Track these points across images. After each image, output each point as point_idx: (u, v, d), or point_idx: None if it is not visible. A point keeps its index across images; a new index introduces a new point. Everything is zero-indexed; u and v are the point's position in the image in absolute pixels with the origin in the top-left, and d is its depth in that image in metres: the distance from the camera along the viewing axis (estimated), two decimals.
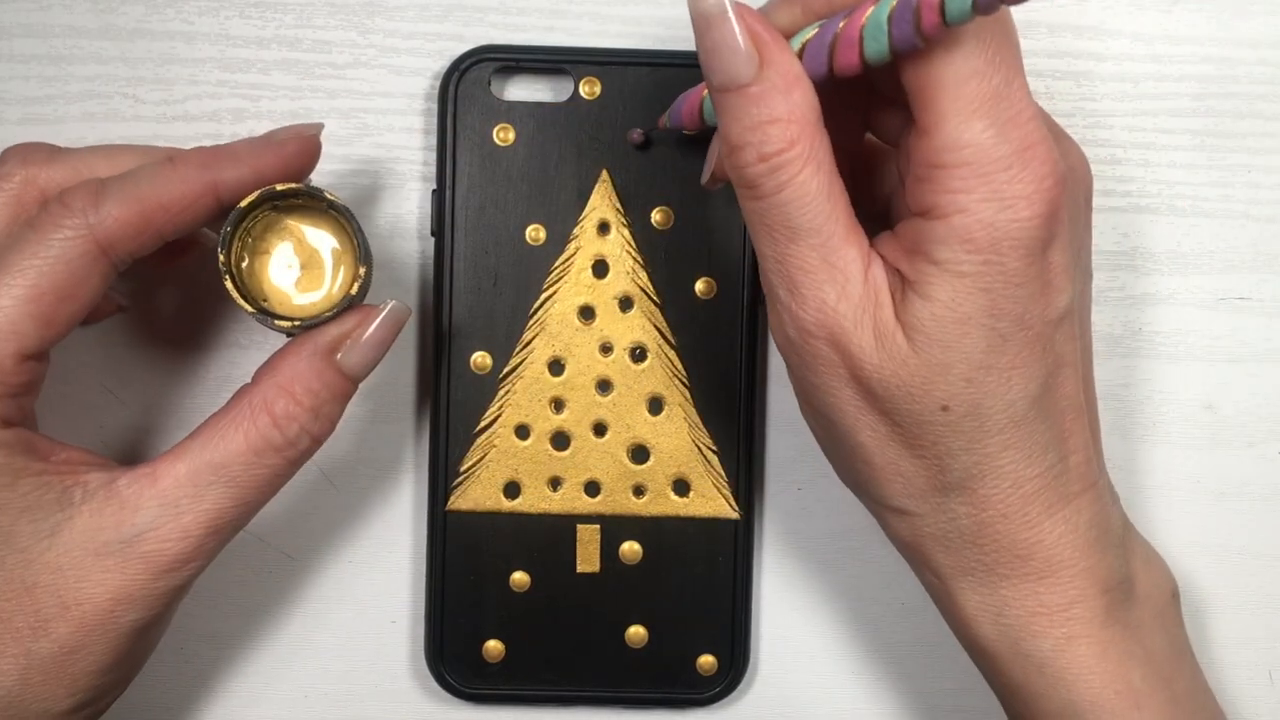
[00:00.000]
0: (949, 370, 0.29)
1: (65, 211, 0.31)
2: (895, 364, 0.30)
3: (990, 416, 0.30)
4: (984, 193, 0.28)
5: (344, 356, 0.33)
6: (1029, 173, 0.28)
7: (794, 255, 0.30)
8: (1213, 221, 0.39)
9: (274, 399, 0.32)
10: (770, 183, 0.29)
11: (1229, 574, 0.40)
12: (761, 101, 0.29)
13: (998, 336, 0.29)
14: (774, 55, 0.29)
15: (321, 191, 0.33)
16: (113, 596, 0.31)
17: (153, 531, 0.31)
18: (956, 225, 0.29)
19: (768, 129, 0.29)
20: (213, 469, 0.32)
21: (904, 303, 0.30)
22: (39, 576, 0.31)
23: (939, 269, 0.29)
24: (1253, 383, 0.39)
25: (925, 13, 0.27)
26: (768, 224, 0.30)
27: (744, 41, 0.29)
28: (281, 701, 0.39)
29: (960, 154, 0.28)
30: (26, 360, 0.31)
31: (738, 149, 0.29)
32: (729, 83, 0.29)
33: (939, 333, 0.29)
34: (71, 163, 0.33)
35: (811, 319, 0.30)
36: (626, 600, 0.38)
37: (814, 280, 0.30)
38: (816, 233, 0.29)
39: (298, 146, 0.33)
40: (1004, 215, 0.28)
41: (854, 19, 0.29)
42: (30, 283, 0.31)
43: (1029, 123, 0.29)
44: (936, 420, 0.30)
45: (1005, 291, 0.29)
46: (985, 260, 0.29)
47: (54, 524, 0.31)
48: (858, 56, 0.29)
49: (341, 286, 0.33)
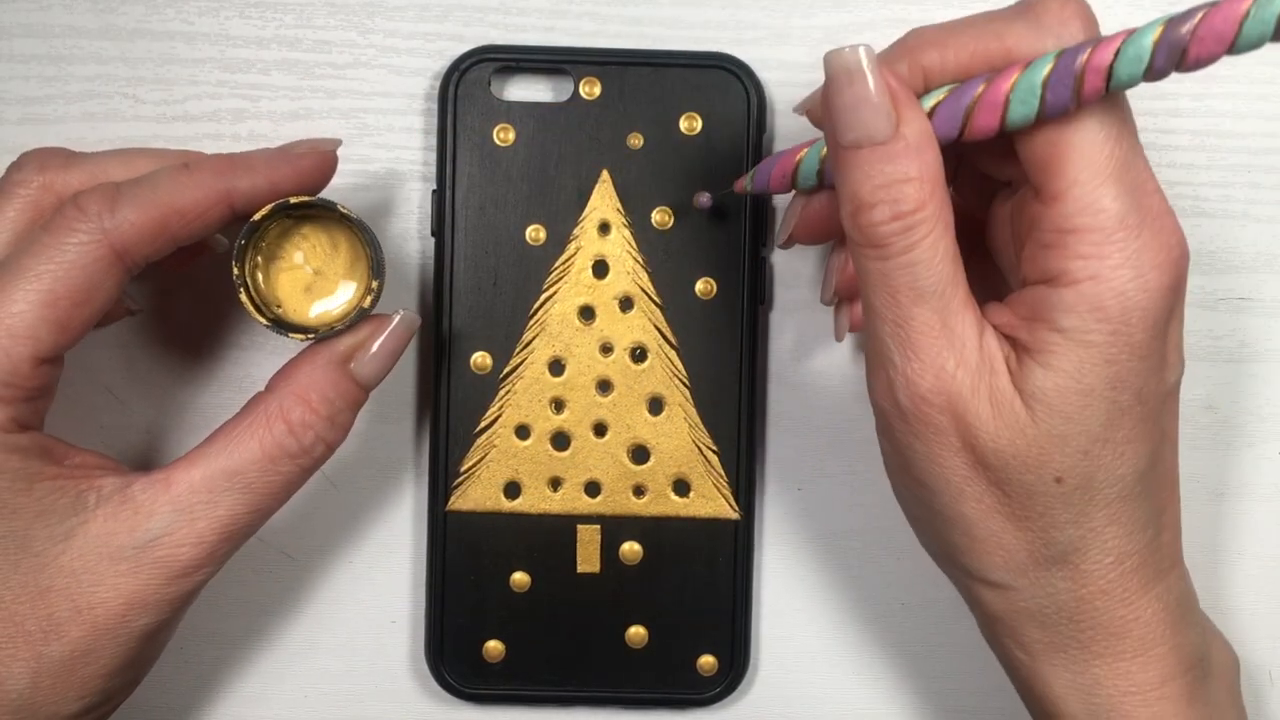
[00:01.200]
0: (1067, 442, 0.29)
1: (80, 215, 0.31)
2: (1012, 433, 0.29)
3: (1101, 490, 0.30)
4: (1118, 259, 0.28)
5: (357, 365, 0.33)
6: (1159, 241, 0.28)
7: (917, 318, 0.29)
8: (1213, 221, 0.39)
9: (290, 407, 0.32)
10: (902, 242, 0.29)
11: (1229, 574, 0.40)
12: (897, 160, 0.29)
13: (1118, 409, 0.29)
14: (909, 114, 0.29)
15: (335, 205, 0.33)
16: (125, 601, 0.31)
17: (167, 537, 0.31)
18: (1087, 292, 0.28)
19: (902, 187, 0.29)
20: (227, 475, 0.32)
21: (1021, 371, 0.29)
22: (53, 580, 0.31)
23: (1064, 337, 0.29)
24: (1253, 383, 0.39)
25: (1090, 77, 0.27)
26: (892, 285, 0.29)
27: (884, 97, 0.29)
28: (282, 701, 0.39)
29: (1095, 219, 0.28)
30: (42, 364, 0.31)
31: (868, 207, 0.29)
32: (864, 139, 0.29)
33: (1061, 403, 0.29)
34: (88, 168, 0.33)
35: (929, 385, 0.29)
36: (627, 600, 0.38)
37: (934, 345, 0.29)
38: (940, 296, 0.29)
39: (314, 161, 0.33)
40: (1135, 284, 0.28)
41: (998, 83, 0.29)
42: (45, 287, 0.31)
43: (1156, 193, 0.29)
44: (1048, 492, 0.30)
45: (1130, 364, 0.29)
46: (1114, 330, 0.28)
47: (68, 528, 0.31)
48: (999, 120, 0.29)
49: (355, 297, 0.33)
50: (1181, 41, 0.26)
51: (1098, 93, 0.27)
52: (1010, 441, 0.29)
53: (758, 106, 0.37)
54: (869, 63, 0.29)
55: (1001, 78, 0.28)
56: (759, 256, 0.38)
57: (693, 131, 0.37)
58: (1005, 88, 0.28)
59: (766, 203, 0.38)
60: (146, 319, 0.39)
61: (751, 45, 0.39)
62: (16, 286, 0.31)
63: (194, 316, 0.39)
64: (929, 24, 0.30)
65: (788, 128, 0.39)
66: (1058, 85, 0.28)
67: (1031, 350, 0.29)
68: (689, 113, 0.37)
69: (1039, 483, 0.30)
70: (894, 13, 0.39)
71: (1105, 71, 0.27)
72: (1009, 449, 0.29)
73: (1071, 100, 0.28)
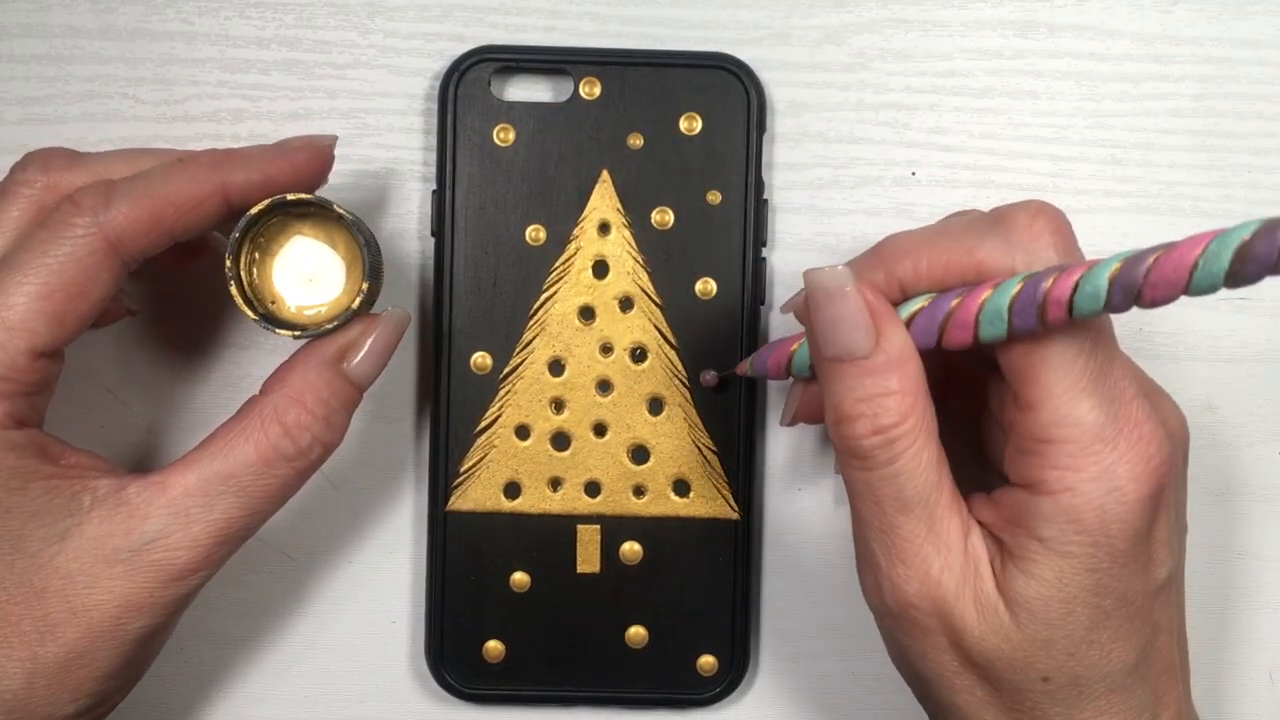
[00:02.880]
0: (1052, 645, 0.30)
1: (76, 210, 0.31)
2: (998, 637, 0.30)
3: (1090, 686, 0.30)
4: (1093, 472, 0.28)
5: (350, 365, 0.33)
6: (1136, 453, 0.29)
7: (902, 526, 0.30)
8: (1213, 222, 0.39)
9: (285, 409, 0.32)
10: (884, 455, 0.29)
11: (1229, 574, 0.40)
12: (877, 374, 0.29)
13: (1101, 613, 0.29)
14: (889, 329, 0.29)
15: (331, 203, 0.33)
16: (120, 603, 0.31)
17: (162, 540, 0.31)
18: (1064, 504, 0.29)
19: (883, 401, 0.29)
20: (223, 478, 0.32)
21: (1005, 575, 0.30)
22: (48, 581, 0.31)
23: (1044, 546, 0.29)
24: (1253, 383, 0.39)
25: (1052, 307, 0.27)
26: (876, 495, 0.30)
27: (864, 315, 0.29)
28: (282, 701, 0.39)
29: (1069, 431, 0.28)
30: (40, 358, 0.31)
31: (850, 419, 0.29)
32: (844, 354, 0.29)
33: (1043, 610, 0.29)
34: (92, 168, 0.33)
35: (915, 590, 0.30)
36: (627, 600, 0.38)
37: (920, 551, 0.30)
38: (924, 504, 0.30)
39: (309, 155, 0.33)
40: (1112, 497, 0.28)
41: (968, 302, 0.29)
42: (41, 280, 0.31)
43: (1133, 401, 0.29)
44: (1036, 689, 0.30)
45: (1112, 571, 0.29)
46: (1094, 542, 0.29)
47: (63, 529, 0.31)
48: (971, 338, 0.29)
49: (348, 296, 0.33)
50: (1135, 284, 0.26)
51: (1061, 321, 0.28)
52: (996, 645, 0.30)
53: (758, 106, 0.37)
54: (851, 283, 0.29)
55: (971, 297, 0.29)
56: (759, 257, 0.38)
57: (693, 131, 0.37)
58: (974, 308, 0.29)
59: (765, 205, 0.38)
60: (146, 318, 0.38)
61: (751, 45, 0.39)
62: (12, 281, 0.31)
63: (194, 316, 0.39)
64: (905, 231, 0.31)
65: (787, 128, 0.39)
66: (1023, 311, 0.28)
67: (1014, 555, 0.30)
68: (689, 113, 0.37)
69: (1026, 682, 0.30)
70: (894, 13, 0.39)
71: (1066, 304, 0.27)
72: (994, 651, 0.30)
73: (1037, 325, 0.28)
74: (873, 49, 0.39)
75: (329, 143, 0.34)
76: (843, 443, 0.30)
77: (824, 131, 0.39)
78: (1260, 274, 0.24)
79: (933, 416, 0.30)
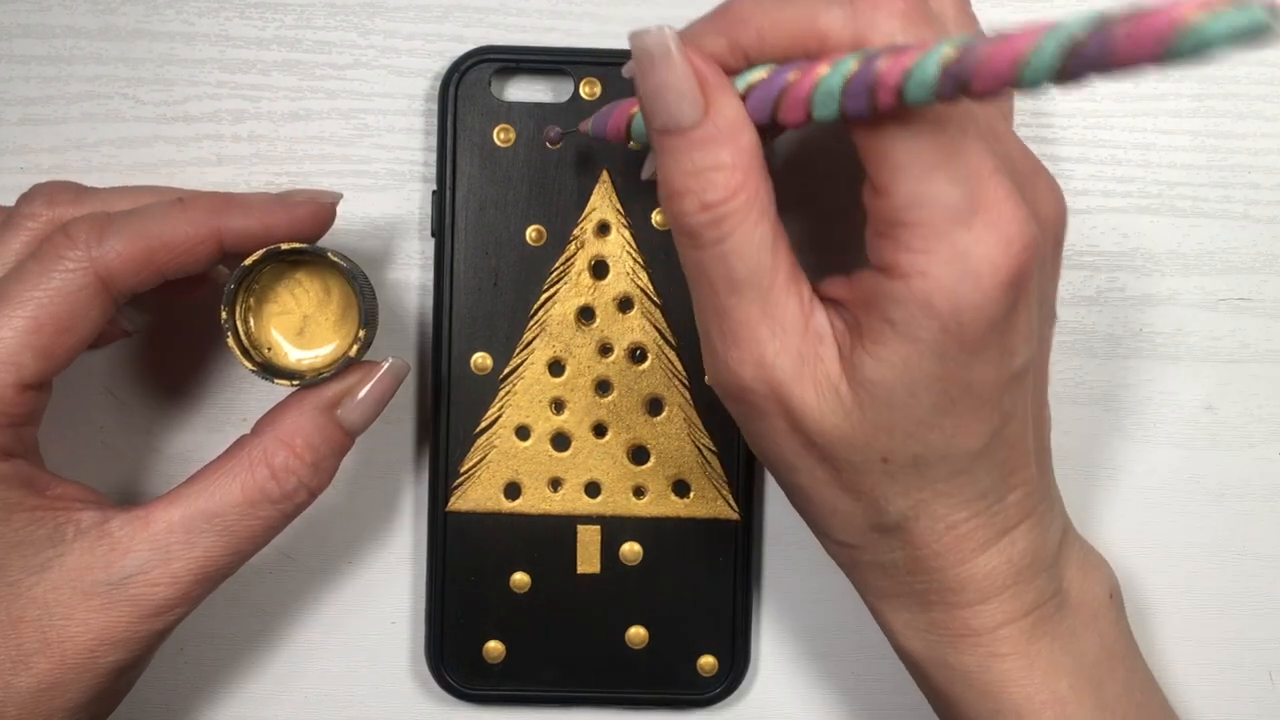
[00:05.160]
0: (894, 428, 0.29)
1: (68, 243, 0.31)
2: (837, 417, 0.29)
3: (930, 468, 0.30)
4: (946, 254, 0.27)
5: (344, 412, 0.33)
6: (994, 235, 0.27)
7: (733, 308, 0.29)
8: (1213, 222, 0.39)
9: (274, 451, 0.32)
10: (713, 233, 0.28)
11: (1229, 574, 0.40)
12: (706, 147, 0.28)
13: (946, 399, 0.29)
14: (719, 99, 0.28)
15: (325, 252, 0.33)
16: (96, 637, 0.31)
17: (142, 575, 0.31)
18: (915, 288, 0.27)
19: (711, 175, 0.28)
20: (206, 517, 0.32)
21: (853, 356, 0.29)
22: (25, 611, 0.31)
23: (893, 330, 0.28)
24: (1253, 383, 0.39)
25: (882, 93, 0.26)
26: (708, 275, 0.29)
27: (690, 83, 0.28)
28: (281, 702, 0.39)
29: (921, 212, 0.27)
30: (27, 390, 0.31)
31: (678, 195, 0.28)
32: (671, 125, 0.28)
33: (886, 394, 0.29)
34: (97, 204, 0.33)
35: (750, 373, 0.29)
36: (627, 601, 0.38)
37: (753, 333, 0.29)
38: (757, 285, 0.28)
39: (310, 211, 0.33)
40: (966, 281, 0.27)
41: (802, 81, 0.27)
42: (30, 314, 0.31)
43: (991, 177, 0.27)
44: (876, 469, 0.30)
45: (960, 358, 0.28)
46: (943, 328, 0.27)
47: (44, 560, 0.31)
48: (805, 116, 0.27)
49: (344, 343, 0.33)
50: (966, 74, 0.24)
51: (893, 108, 0.26)
52: (835, 425, 0.29)
53: None
54: (675, 46, 0.27)
55: (806, 74, 0.27)
56: None
57: None
58: (808, 86, 0.27)
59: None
60: (141, 338, 0.38)
61: None
62: (1, 314, 0.31)
63: (193, 332, 0.39)
64: None
65: None
66: (855, 95, 0.26)
67: (863, 336, 0.29)
68: None
69: (866, 462, 0.30)
70: None
71: (896, 90, 0.25)
72: (834, 431, 0.29)
73: (869, 111, 0.26)
74: None
75: (332, 200, 0.34)
76: (672, 220, 0.29)
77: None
78: (1088, 72, 0.23)
79: (768, 193, 0.28)
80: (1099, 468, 0.39)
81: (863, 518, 0.31)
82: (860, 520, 0.31)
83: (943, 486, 0.30)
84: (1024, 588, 0.31)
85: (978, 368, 0.28)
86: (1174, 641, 0.39)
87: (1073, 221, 0.39)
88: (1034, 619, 0.32)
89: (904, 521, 0.30)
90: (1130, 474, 0.39)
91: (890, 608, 0.33)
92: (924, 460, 0.29)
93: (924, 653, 0.32)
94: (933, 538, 0.31)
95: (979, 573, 0.31)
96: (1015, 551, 0.31)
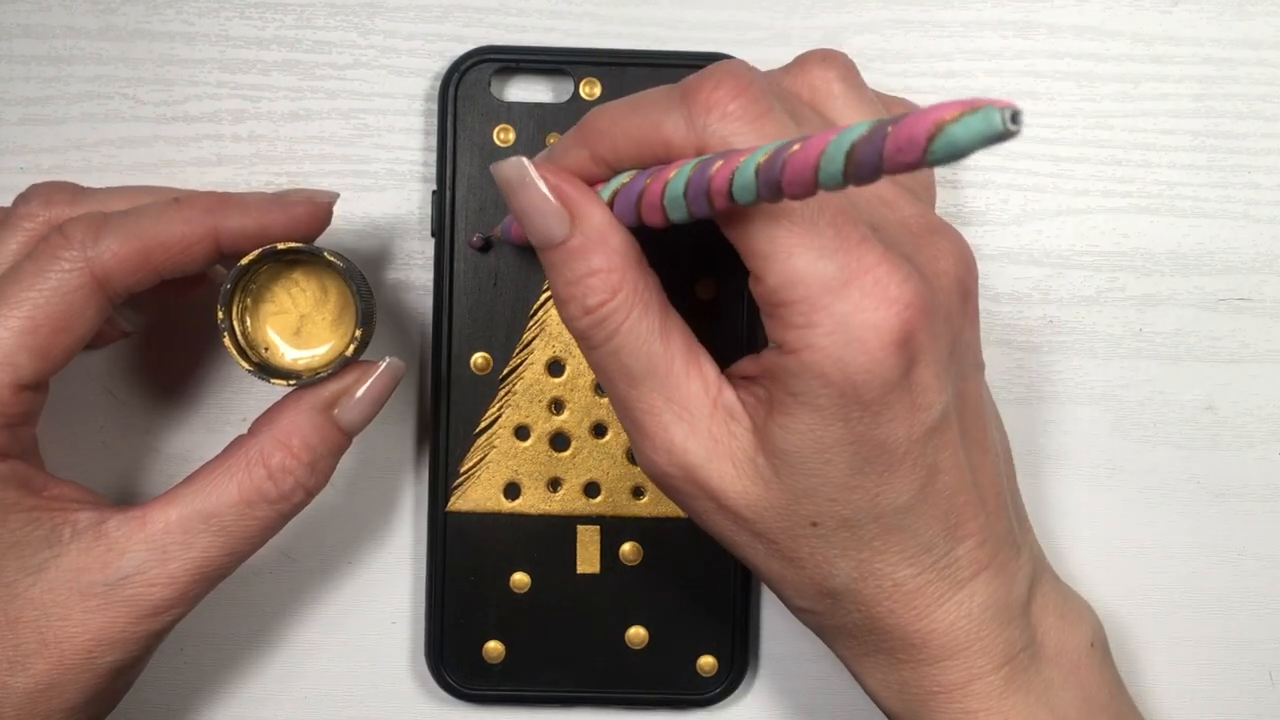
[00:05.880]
0: (815, 493, 0.29)
1: (64, 243, 0.31)
2: (759, 489, 0.30)
3: (862, 527, 0.30)
4: (827, 326, 0.27)
5: (341, 412, 0.33)
6: (872, 299, 0.27)
7: (635, 399, 0.30)
8: (1213, 222, 0.39)
9: (271, 451, 0.32)
10: (600, 333, 0.29)
11: (1229, 574, 0.40)
12: (579, 256, 0.29)
13: (860, 460, 0.29)
14: (584, 209, 0.29)
15: (322, 252, 0.33)
16: (93, 637, 0.31)
17: (139, 575, 0.31)
18: (806, 361, 0.28)
19: (588, 281, 0.29)
20: (203, 517, 0.32)
21: (767, 427, 0.29)
22: (22, 612, 0.31)
23: (796, 401, 0.28)
24: (1253, 383, 0.39)
25: (716, 198, 0.27)
26: (607, 372, 0.30)
27: (551, 202, 0.29)
28: (282, 702, 0.39)
29: (795, 291, 0.28)
30: (23, 391, 0.31)
31: (563, 303, 0.30)
32: (544, 241, 0.29)
33: (800, 461, 0.29)
34: (94, 204, 0.33)
35: (664, 460, 0.30)
36: (626, 601, 0.38)
37: (660, 421, 0.30)
38: (653, 374, 0.30)
39: (307, 210, 0.33)
40: (851, 349, 0.27)
41: (653, 186, 0.29)
42: (26, 314, 0.31)
43: (859, 245, 0.28)
44: (809, 534, 0.30)
45: (864, 419, 0.28)
46: (840, 394, 0.28)
47: (41, 561, 0.31)
48: (662, 219, 0.29)
49: (341, 342, 0.33)
50: (775, 180, 0.25)
51: (728, 209, 0.27)
52: (759, 496, 0.30)
53: None
54: (531, 172, 0.29)
55: (655, 180, 0.29)
56: None
57: None
58: (658, 192, 0.28)
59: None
60: (142, 337, 0.38)
61: (751, 45, 0.39)
62: None
63: (193, 332, 0.39)
64: (607, 105, 0.30)
65: None
66: (695, 199, 0.27)
67: (772, 409, 0.29)
68: None
69: (796, 528, 0.30)
70: (894, 13, 0.39)
71: (726, 194, 0.27)
72: (759, 503, 0.30)
73: (710, 212, 0.28)
74: (873, 49, 0.39)
75: (329, 199, 0.34)
76: (567, 325, 0.30)
77: None
78: (872, 176, 0.23)
79: (650, 286, 0.30)
80: (1099, 468, 0.39)
81: (811, 584, 0.31)
82: (810, 587, 0.31)
83: (879, 544, 0.30)
84: (991, 641, 0.31)
85: (885, 427, 0.28)
86: (1174, 641, 0.39)
87: (1073, 221, 0.39)
88: (1006, 673, 0.31)
89: (851, 584, 0.31)
90: (1130, 474, 0.39)
91: (864, 668, 0.32)
92: (853, 521, 0.30)
93: (902, 711, 0.32)
94: (882, 595, 0.31)
95: (938, 628, 0.31)
96: (975, 605, 0.31)
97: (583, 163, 0.30)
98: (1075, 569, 0.39)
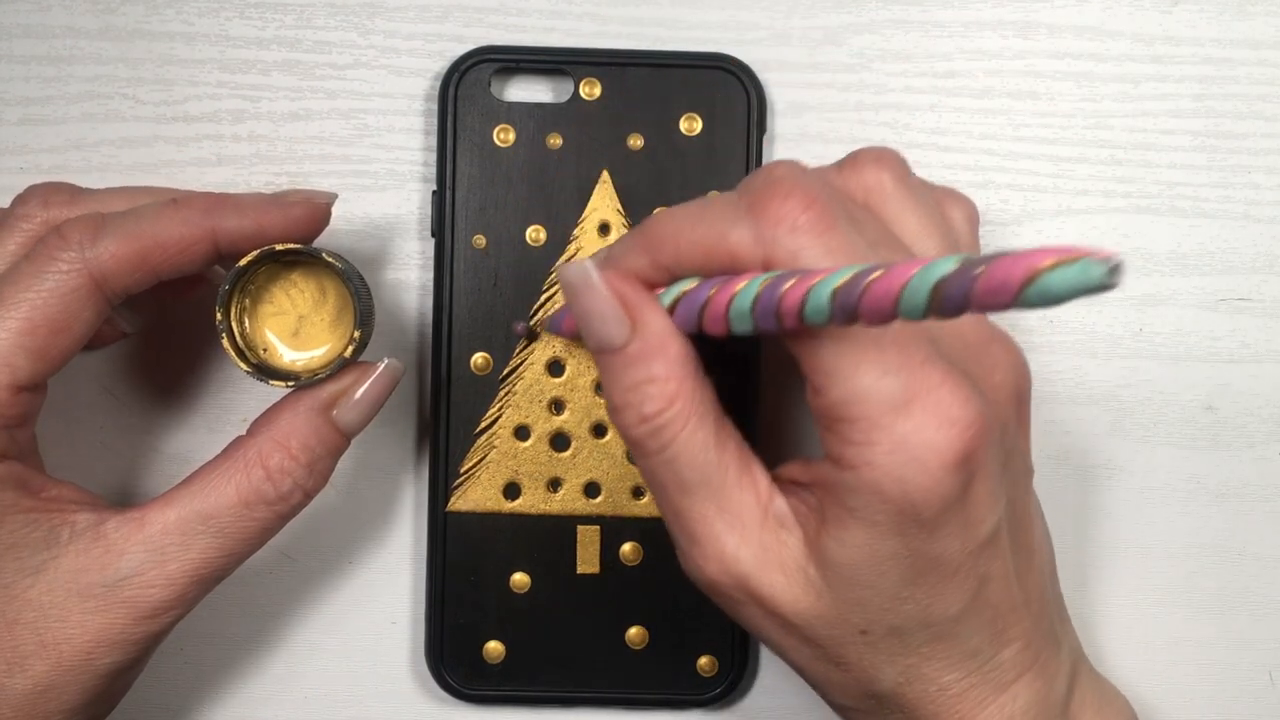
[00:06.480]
0: (865, 603, 0.29)
1: (62, 244, 0.31)
2: (810, 598, 0.30)
3: (911, 635, 0.30)
4: (888, 445, 0.27)
5: (340, 413, 0.33)
6: (935, 419, 0.27)
7: (688, 508, 0.30)
8: (1213, 222, 0.39)
9: (269, 453, 0.32)
10: (655, 442, 0.29)
11: (1229, 574, 0.40)
12: (637, 363, 0.29)
13: (914, 573, 0.29)
14: (645, 316, 0.29)
15: (320, 252, 0.33)
16: (92, 639, 0.31)
17: (137, 577, 0.31)
18: (865, 478, 0.28)
19: (645, 389, 0.29)
20: (202, 518, 0.32)
21: (817, 537, 0.29)
22: (20, 614, 0.31)
23: (851, 515, 0.28)
24: (1253, 383, 0.39)
25: (786, 317, 0.27)
26: (659, 480, 0.30)
27: (613, 307, 0.29)
28: (282, 702, 0.39)
29: (858, 408, 0.27)
30: (21, 392, 0.31)
31: (619, 409, 0.29)
32: (603, 346, 0.29)
33: (852, 573, 0.29)
34: (92, 205, 0.33)
35: (715, 569, 0.30)
36: (626, 601, 0.38)
37: (711, 530, 0.30)
38: (707, 484, 0.29)
39: (305, 211, 0.33)
40: (911, 469, 0.27)
41: (719, 297, 0.28)
42: (24, 315, 0.31)
43: (923, 365, 0.28)
44: (857, 642, 0.30)
45: (920, 535, 0.28)
46: (898, 511, 0.28)
47: (39, 562, 0.31)
48: (725, 330, 0.29)
49: (340, 343, 0.33)
50: (851, 306, 0.25)
51: (797, 329, 0.27)
52: (809, 606, 0.30)
53: (758, 107, 0.37)
54: (595, 276, 0.29)
55: (721, 292, 0.28)
56: None
57: (693, 132, 0.37)
58: (723, 304, 0.28)
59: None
60: (141, 338, 0.38)
61: (751, 45, 0.39)
62: None
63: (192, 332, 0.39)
64: (670, 210, 0.30)
65: (787, 128, 0.39)
66: (763, 315, 0.27)
67: (825, 520, 0.29)
68: (689, 113, 0.37)
69: (844, 636, 0.30)
70: (894, 13, 0.39)
71: (797, 314, 0.26)
72: (808, 612, 0.30)
73: (778, 328, 0.27)
74: (873, 49, 0.39)
75: (327, 200, 0.34)
76: (621, 433, 0.30)
77: (824, 132, 0.39)
78: (955, 314, 0.23)
79: (706, 396, 0.30)
80: (1099, 468, 0.39)
81: (856, 686, 0.31)
82: (855, 688, 0.31)
83: (927, 651, 0.30)
84: None
85: (941, 542, 0.29)
86: (1174, 641, 0.39)
87: (1073, 221, 0.39)
88: None
89: (896, 688, 0.31)
90: (1130, 474, 0.39)
91: None
92: (903, 629, 0.30)
93: None
94: (927, 700, 0.31)
95: None
96: (1017, 707, 0.31)
97: (642, 268, 0.30)
98: (1075, 571, 0.39)
